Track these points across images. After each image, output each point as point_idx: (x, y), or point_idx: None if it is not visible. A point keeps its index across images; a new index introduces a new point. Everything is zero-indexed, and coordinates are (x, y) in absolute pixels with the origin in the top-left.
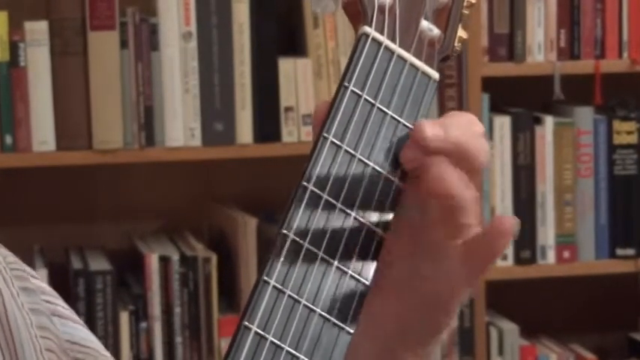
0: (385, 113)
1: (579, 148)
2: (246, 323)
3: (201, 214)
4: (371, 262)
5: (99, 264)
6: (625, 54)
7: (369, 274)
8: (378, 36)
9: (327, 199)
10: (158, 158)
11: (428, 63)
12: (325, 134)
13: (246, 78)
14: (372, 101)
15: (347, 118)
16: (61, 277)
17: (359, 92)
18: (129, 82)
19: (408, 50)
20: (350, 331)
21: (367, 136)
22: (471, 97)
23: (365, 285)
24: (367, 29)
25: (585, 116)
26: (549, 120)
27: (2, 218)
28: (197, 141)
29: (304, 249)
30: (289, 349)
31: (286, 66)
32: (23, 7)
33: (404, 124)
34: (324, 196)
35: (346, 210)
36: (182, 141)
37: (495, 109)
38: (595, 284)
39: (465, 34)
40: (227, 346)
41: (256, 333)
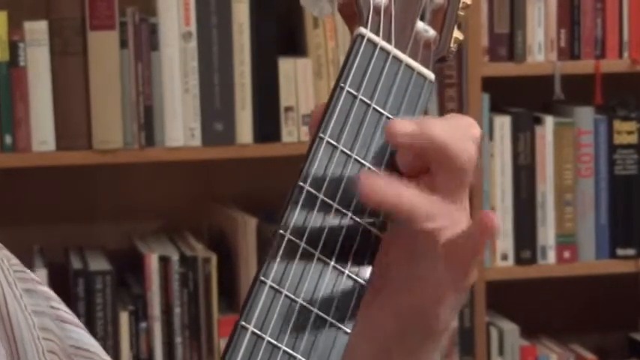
0: (381, 114)
1: (580, 148)
2: (242, 323)
3: (201, 214)
4: (367, 262)
5: (99, 264)
6: (625, 54)
7: (366, 274)
8: (374, 37)
9: (324, 200)
10: (158, 158)
11: (424, 64)
12: (321, 135)
13: (246, 78)
14: (368, 102)
15: (343, 119)
16: (61, 277)
17: (355, 93)
18: (129, 82)
19: (404, 51)
20: (347, 331)
21: (363, 137)
22: (471, 97)
23: (362, 285)
24: (363, 30)
25: (586, 116)
26: (549, 120)
27: (2, 218)
28: (197, 141)
29: (301, 249)
30: (286, 349)
31: (286, 66)
32: (23, 7)
33: None
34: (320, 197)
35: (342, 210)
36: (182, 141)
37: (495, 109)
38: (595, 284)
39: (461, 35)
40: (224, 347)
41: (253, 333)
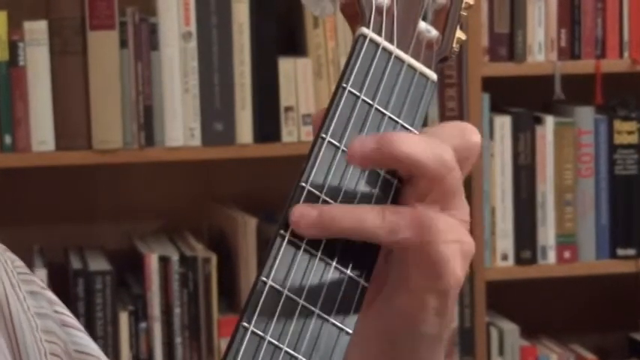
0: (383, 114)
1: (580, 148)
2: (244, 324)
3: (201, 214)
4: (370, 263)
5: (98, 264)
6: (626, 54)
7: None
8: (376, 37)
9: (325, 200)
10: (158, 158)
11: (426, 64)
12: (323, 135)
13: (246, 78)
14: (370, 102)
15: (345, 119)
16: (61, 278)
17: (357, 93)
18: (128, 82)
19: (406, 51)
20: (349, 332)
21: None
22: (472, 97)
23: (364, 285)
24: (365, 30)
25: (586, 116)
26: (550, 120)
27: (2, 218)
28: (197, 141)
29: (302, 248)
30: (287, 350)
31: (286, 66)
32: (23, 7)
33: (402, 125)
34: (322, 197)
35: None
36: (182, 141)
37: (496, 109)
38: (595, 284)
39: (464, 36)
40: (225, 348)
41: (254, 333)
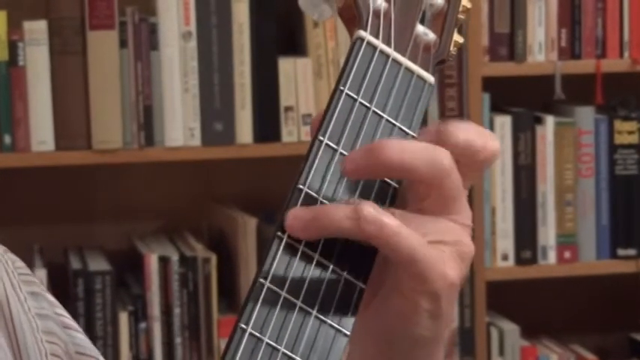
0: (380, 117)
1: (580, 148)
2: (241, 325)
3: (200, 214)
4: (367, 266)
5: (98, 264)
6: (626, 53)
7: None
8: (373, 40)
9: (323, 202)
10: (158, 158)
11: (423, 67)
12: (320, 137)
13: (246, 78)
14: (368, 105)
15: (342, 122)
16: (60, 278)
17: (354, 96)
18: (128, 82)
19: (404, 54)
20: (347, 333)
21: (362, 140)
22: (472, 97)
23: (361, 287)
24: (362, 33)
25: (586, 116)
26: (550, 120)
27: (1, 218)
28: (197, 141)
29: (300, 251)
30: (285, 351)
31: (286, 66)
32: (22, 7)
33: (399, 128)
34: (320, 199)
35: None
36: (182, 141)
37: (496, 109)
38: (596, 285)
39: (461, 39)
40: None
41: (252, 334)
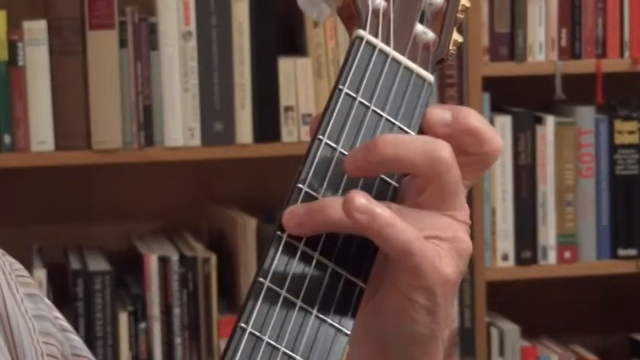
0: (380, 116)
1: (580, 148)
2: (241, 324)
3: (200, 214)
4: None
5: (98, 264)
6: (626, 53)
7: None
8: (373, 39)
9: None
10: (157, 158)
11: (423, 66)
12: (320, 136)
13: (245, 78)
14: (367, 104)
15: (342, 121)
16: (60, 278)
17: (353, 95)
18: (128, 82)
19: (403, 53)
20: (347, 333)
21: (362, 139)
22: (472, 97)
23: (361, 287)
24: (361, 32)
25: (586, 116)
26: (550, 120)
27: (1, 218)
28: (196, 141)
29: (299, 251)
30: (285, 350)
31: (286, 66)
32: (22, 7)
33: (399, 127)
34: (319, 198)
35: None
36: (181, 141)
37: (496, 109)
38: (596, 285)
39: (460, 38)
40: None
41: (252, 334)
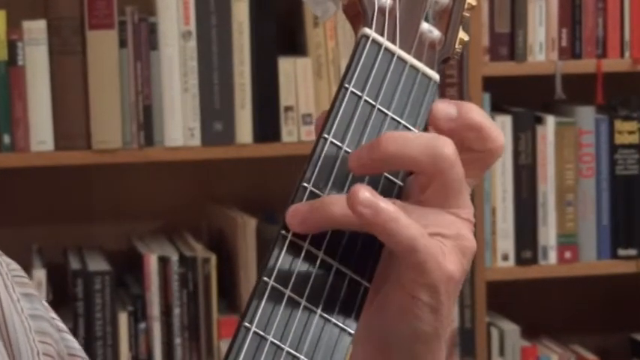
0: (385, 114)
1: (581, 148)
2: (245, 324)
3: (200, 215)
4: (373, 262)
5: (97, 264)
6: (627, 53)
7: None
8: (379, 37)
9: None
10: (157, 158)
11: (428, 64)
12: (325, 135)
13: (245, 77)
14: (373, 102)
15: (347, 120)
16: (60, 278)
17: (359, 93)
18: (128, 82)
19: (409, 52)
20: (351, 332)
21: (367, 138)
22: (472, 97)
23: (366, 286)
24: (367, 31)
25: (587, 116)
26: (551, 119)
27: (0, 218)
28: (196, 141)
29: (304, 249)
30: (289, 350)
31: (286, 66)
32: (21, 6)
33: (404, 125)
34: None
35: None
36: (181, 141)
37: (496, 109)
38: (597, 285)
39: (466, 36)
40: (226, 348)
41: (256, 333)
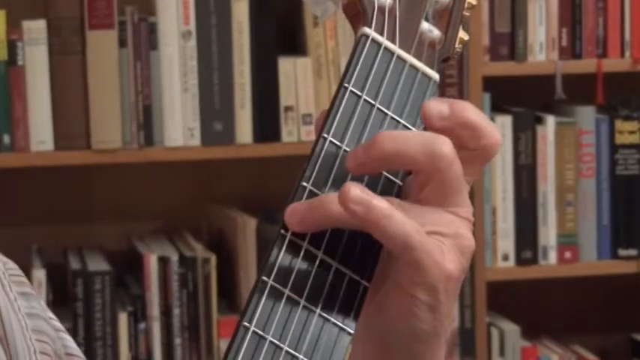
0: (385, 114)
1: (581, 148)
2: (245, 323)
3: (200, 215)
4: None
5: (97, 264)
6: (627, 53)
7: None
8: (378, 37)
9: None
10: (157, 158)
11: (428, 64)
12: (325, 134)
13: (245, 77)
14: (372, 102)
15: (347, 119)
16: (60, 278)
17: (358, 93)
18: (127, 82)
19: (408, 51)
20: (350, 332)
21: (367, 137)
22: (472, 97)
23: (365, 285)
24: (367, 30)
25: (587, 116)
26: (551, 119)
27: (1, 218)
28: (196, 141)
29: (303, 249)
30: (288, 349)
31: (286, 65)
32: (21, 6)
33: (404, 125)
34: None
35: None
36: (181, 141)
37: (496, 109)
38: (597, 285)
39: (466, 36)
40: (226, 348)
41: (255, 333)
